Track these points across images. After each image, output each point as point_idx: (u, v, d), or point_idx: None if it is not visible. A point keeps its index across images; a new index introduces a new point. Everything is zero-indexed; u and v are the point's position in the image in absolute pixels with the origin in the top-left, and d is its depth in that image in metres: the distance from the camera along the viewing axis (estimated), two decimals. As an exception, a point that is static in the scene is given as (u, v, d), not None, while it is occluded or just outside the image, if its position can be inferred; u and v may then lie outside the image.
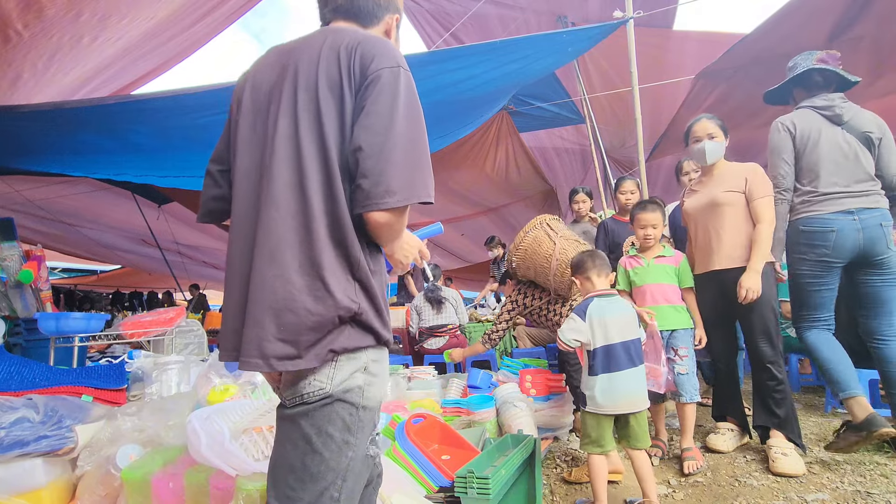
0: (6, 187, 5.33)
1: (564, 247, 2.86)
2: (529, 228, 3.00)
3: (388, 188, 0.89)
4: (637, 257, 2.58)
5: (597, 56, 5.30)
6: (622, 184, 3.59)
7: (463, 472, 1.69)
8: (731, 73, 4.49)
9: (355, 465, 0.93)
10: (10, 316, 3.37)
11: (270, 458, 0.97)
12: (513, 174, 7.12)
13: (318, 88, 0.95)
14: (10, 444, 1.73)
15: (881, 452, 2.31)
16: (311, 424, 0.91)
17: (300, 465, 0.90)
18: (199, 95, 3.29)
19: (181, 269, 9.11)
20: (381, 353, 1.01)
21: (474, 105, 4.73)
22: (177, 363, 2.69)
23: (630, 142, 6.06)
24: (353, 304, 0.93)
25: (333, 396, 0.92)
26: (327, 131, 0.94)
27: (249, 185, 1.00)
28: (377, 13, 1.09)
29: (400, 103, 0.93)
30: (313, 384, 0.92)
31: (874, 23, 3.65)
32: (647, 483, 1.93)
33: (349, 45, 0.97)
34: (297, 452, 0.91)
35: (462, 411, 2.66)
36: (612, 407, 1.94)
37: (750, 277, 2.25)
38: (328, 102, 0.95)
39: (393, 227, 0.95)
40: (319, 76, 0.96)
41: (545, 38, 4.01)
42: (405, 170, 0.91)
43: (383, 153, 0.89)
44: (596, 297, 2.07)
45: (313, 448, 0.89)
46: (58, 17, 3.20)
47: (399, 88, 0.94)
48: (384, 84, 0.93)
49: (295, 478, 0.89)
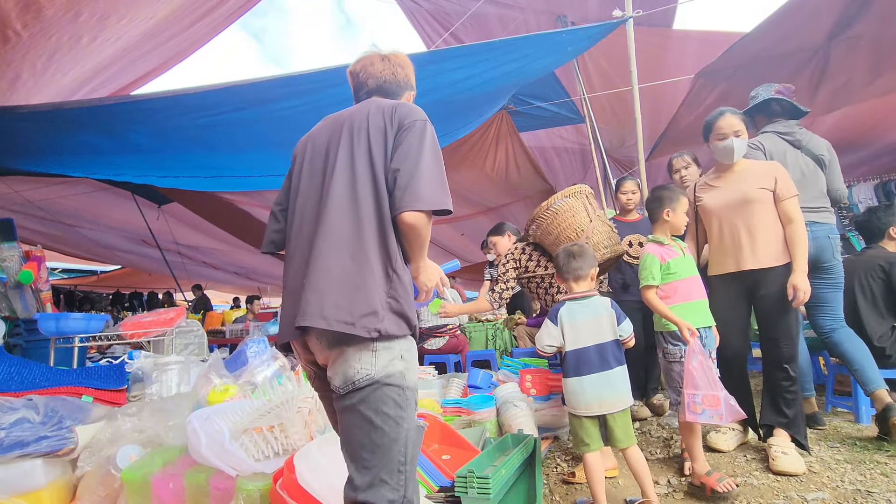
0: (6, 188, 5.33)
1: (598, 228, 2.70)
2: (569, 194, 2.78)
3: (418, 196, 1.18)
4: (669, 247, 2.27)
5: (596, 55, 5.29)
6: (623, 184, 3.54)
7: (463, 472, 1.69)
8: (731, 72, 4.49)
9: (411, 434, 1.14)
10: (10, 316, 3.37)
11: (341, 437, 1.18)
12: (513, 174, 7.11)
13: (368, 130, 1.29)
14: (10, 444, 1.73)
15: (881, 451, 2.31)
16: (368, 408, 1.10)
17: (369, 442, 1.09)
18: (198, 95, 3.29)
19: (181, 270, 9.10)
20: (411, 344, 1.23)
21: (474, 105, 4.73)
22: (177, 363, 2.69)
23: (630, 141, 6.06)
24: (391, 290, 1.18)
25: (380, 382, 1.12)
26: (375, 158, 1.26)
27: (310, 202, 1.30)
28: (399, 93, 1.49)
29: (426, 142, 1.26)
30: (360, 372, 1.11)
31: (874, 22, 3.65)
32: (645, 481, 1.93)
33: (390, 106, 1.33)
34: (363, 432, 1.10)
35: (462, 411, 2.66)
36: (585, 408, 1.96)
37: (801, 278, 2.18)
38: (376, 140, 1.28)
39: (420, 229, 1.20)
40: (370, 124, 1.30)
41: (545, 38, 4.01)
42: (430, 185, 1.20)
43: (414, 172, 1.20)
44: (568, 301, 2.10)
45: (375, 426, 1.09)
46: (57, 17, 3.20)
47: (426, 134, 1.27)
48: (415, 130, 1.27)
49: (367, 451, 1.09)
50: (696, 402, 1.96)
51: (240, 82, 3.22)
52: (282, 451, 1.80)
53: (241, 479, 1.64)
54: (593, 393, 1.96)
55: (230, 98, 3.34)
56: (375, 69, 1.45)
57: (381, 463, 1.08)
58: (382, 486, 1.06)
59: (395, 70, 1.47)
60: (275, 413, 1.84)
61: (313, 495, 1.51)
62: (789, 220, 2.29)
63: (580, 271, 2.13)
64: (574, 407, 2.00)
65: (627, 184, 3.51)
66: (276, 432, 1.80)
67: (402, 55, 1.52)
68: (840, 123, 5.03)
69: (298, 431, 1.83)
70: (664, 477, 2.29)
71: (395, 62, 1.48)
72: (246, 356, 2.62)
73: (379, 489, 1.05)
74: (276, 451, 1.79)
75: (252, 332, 4.30)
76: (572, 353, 2.03)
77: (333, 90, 3.41)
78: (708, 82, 4.73)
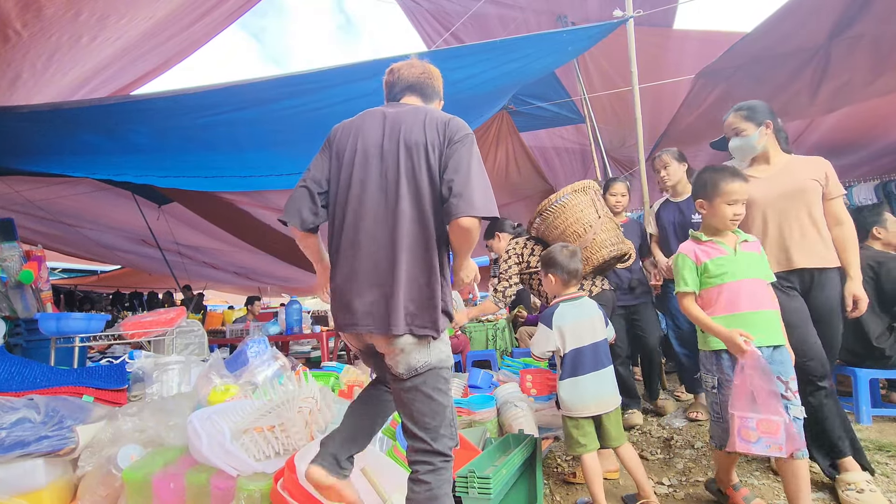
0: (6, 188, 5.32)
1: (606, 225, 2.66)
2: (579, 188, 2.75)
3: (472, 203, 1.34)
4: (712, 243, 1.87)
5: (597, 55, 5.29)
6: (613, 185, 3.34)
7: (464, 472, 1.69)
8: (732, 72, 4.49)
9: (452, 399, 1.46)
10: (10, 316, 3.37)
11: (403, 409, 1.44)
12: (513, 174, 7.11)
13: (426, 147, 1.44)
14: (11, 444, 1.73)
15: (881, 452, 2.31)
16: (427, 387, 1.39)
17: (429, 411, 1.39)
18: (198, 95, 3.28)
19: (181, 270, 9.10)
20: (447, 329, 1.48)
21: (474, 105, 4.73)
22: (177, 363, 2.69)
23: (630, 141, 6.06)
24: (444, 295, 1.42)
25: (435, 367, 1.40)
26: (434, 175, 1.43)
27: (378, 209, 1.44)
28: (433, 96, 1.66)
29: (474, 155, 1.43)
30: (420, 361, 1.38)
31: (874, 21, 3.65)
32: (641, 477, 1.95)
33: (443, 122, 1.48)
34: (425, 405, 1.39)
35: (463, 411, 2.66)
36: (582, 409, 1.98)
37: (859, 287, 2.04)
38: (434, 156, 1.43)
39: (473, 233, 1.38)
40: (427, 140, 1.45)
41: (545, 38, 4.00)
42: (482, 194, 1.38)
43: (467, 183, 1.37)
44: (562, 303, 2.10)
45: (433, 399, 1.40)
46: (56, 16, 3.19)
47: (474, 147, 1.46)
48: (466, 143, 1.44)
49: (429, 417, 1.39)
50: (748, 427, 1.60)
51: (240, 82, 3.21)
52: (282, 451, 1.80)
53: (241, 479, 1.64)
54: (590, 392, 1.99)
55: (230, 98, 3.34)
56: (416, 70, 1.61)
57: (440, 423, 1.40)
58: (444, 438, 1.40)
59: (430, 73, 1.64)
60: (275, 413, 1.84)
61: (314, 495, 1.51)
62: (839, 222, 2.09)
63: (579, 273, 2.13)
64: (571, 409, 2.00)
65: (618, 186, 3.36)
66: (276, 432, 1.80)
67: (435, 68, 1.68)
68: (841, 123, 5.03)
69: (299, 431, 1.83)
70: (664, 477, 2.29)
71: (429, 68, 1.65)
72: (246, 356, 2.62)
73: (443, 440, 1.40)
74: (276, 451, 1.79)
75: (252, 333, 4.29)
76: (571, 353, 2.04)
77: (333, 90, 3.41)
78: (708, 82, 4.73)
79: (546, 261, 2.19)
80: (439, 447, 1.39)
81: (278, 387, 2.09)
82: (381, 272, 1.40)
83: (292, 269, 9.98)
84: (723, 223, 1.87)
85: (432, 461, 1.38)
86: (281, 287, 12.85)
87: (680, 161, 3.14)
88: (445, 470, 1.39)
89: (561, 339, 2.05)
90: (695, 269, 1.88)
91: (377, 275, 1.40)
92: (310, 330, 4.91)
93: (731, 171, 1.89)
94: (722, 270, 1.83)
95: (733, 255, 1.84)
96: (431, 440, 1.39)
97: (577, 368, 2.00)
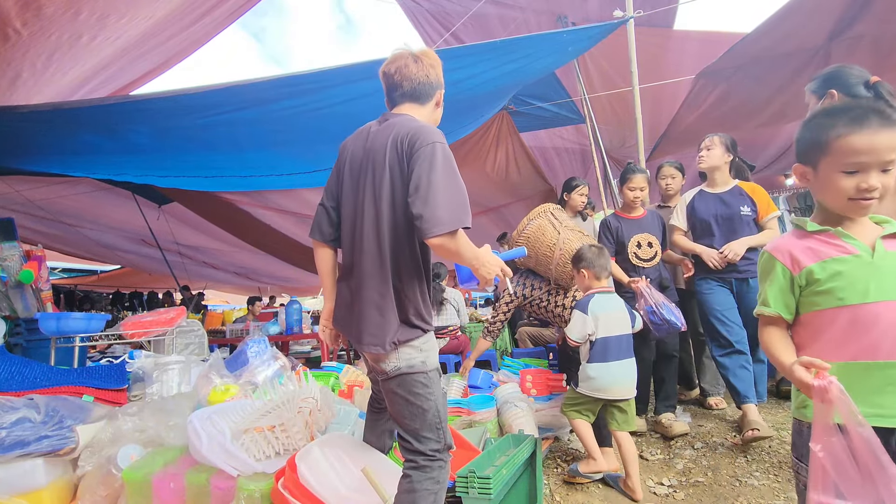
0: (6, 187, 5.32)
1: (568, 237, 2.82)
2: (534, 216, 2.94)
3: (436, 221, 1.30)
4: (830, 235, 1.09)
5: (597, 56, 5.29)
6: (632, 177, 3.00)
7: (464, 472, 1.69)
8: (732, 72, 4.49)
9: (439, 399, 1.47)
10: (10, 316, 3.37)
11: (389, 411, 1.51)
12: (513, 174, 7.11)
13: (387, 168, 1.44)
14: (11, 444, 1.73)
15: (882, 452, 2.31)
16: (403, 389, 1.43)
17: (408, 413, 1.43)
18: (198, 95, 3.28)
19: (181, 270, 9.09)
20: (428, 336, 1.49)
21: (474, 105, 4.73)
22: (177, 363, 2.68)
23: (630, 141, 6.06)
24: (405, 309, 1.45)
25: (405, 372, 1.43)
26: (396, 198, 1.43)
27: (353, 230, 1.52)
28: (430, 93, 1.59)
29: (437, 164, 1.35)
30: (390, 366, 1.43)
31: (875, 22, 3.65)
32: (631, 464, 2.12)
33: (403, 137, 1.43)
34: (402, 406, 1.44)
35: (463, 411, 2.66)
36: (604, 392, 2.18)
37: None
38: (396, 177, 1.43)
39: (449, 247, 1.35)
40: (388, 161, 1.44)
41: (545, 38, 4.00)
42: (446, 207, 1.31)
43: (427, 199, 1.31)
44: (597, 294, 2.29)
45: (410, 402, 1.42)
46: (56, 15, 3.19)
47: (436, 155, 1.36)
48: (425, 155, 1.36)
49: (409, 419, 1.43)
50: None
51: (240, 82, 3.21)
52: (283, 451, 1.80)
53: (241, 479, 1.64)
54: (615, 377, 2.18)
55: (230, 98, 3.34)
56: (410, 71, 1.53)
57: (420, 425, 1.42)
58: (427, 440, 1.42)
59: (427, 72, 1.55)
60: (276, 413, 1.84)
61: (315, 494, 1.51)
62: None
63: (607, 268, 2.36)
64: (593, 390, 2.18)
65: (637, 178, 2.98)
66: (276, 432, 1.80)
67: (433, 54, 1.59)
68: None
69: (299, 431, 1.83)
70: (664, 477, 2.29)
71: (428, 63, 1.56)
72: (246, 356, 2.61)
73: (426, 441, 1.42)
74: (276, 451, 1.79)
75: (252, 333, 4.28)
76: (601, 340, 2.21)
77: (333, 90, 3.41)
78: (708, 83, 4.73)
79: (576, 258, 2.44)
80: (421, 448, 1.42)
81: (278, 387, 2.09)
82: (352, 291, 1.51)
83: (292, 269, 9.98)
84: (837, 202, 1.07)
85: (415, 459, 1.42)
86: (281, 287, 12.85)
87: (728, 149, 2.86)
88: (430, 468, 1.41)
89: (595, 324, 2.23)
90: (788, 280, 1.11)
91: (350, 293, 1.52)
92: (310, 330, 4.92)
93: (862, 111, 1.03)
94: (844, 282, 1.04)
95: (868, 257, 1.04)
96: (413, 440, 1.43)
97: (607, 355, 2.19)
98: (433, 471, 1.41)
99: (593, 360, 2.20)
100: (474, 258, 1.43)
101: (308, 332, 4.89)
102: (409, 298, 1.47)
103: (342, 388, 2.88)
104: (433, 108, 1.62)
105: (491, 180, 7.21)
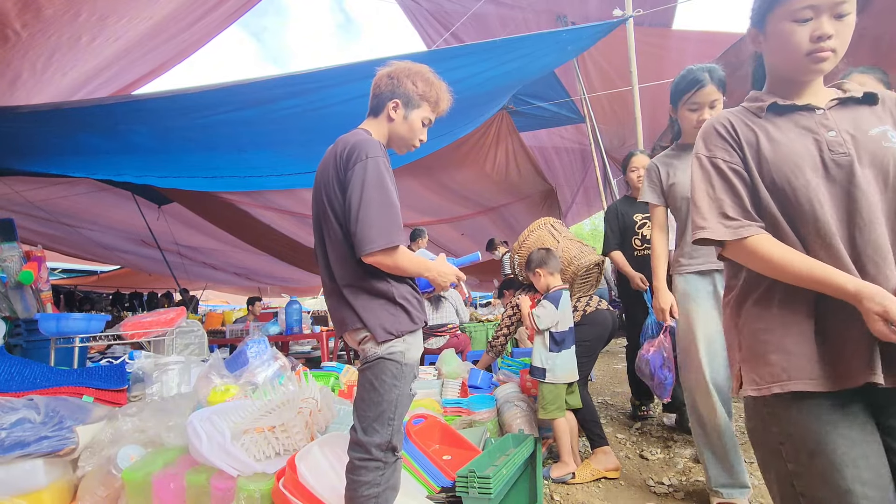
0: (6, 188, 5.33)
1: (567, 246, 2.90)
2: (534, 228, 3.05)
3: (368, 240, 1.34)
4: None
5: (596, 55, 5.30)
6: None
7: (464, 472, 1.69)
8: (731, 72, 4.49)
9: (402, 399, 1.42)
10: (10, 317, 3.36)
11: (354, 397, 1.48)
12: (513, 174, 7.12)
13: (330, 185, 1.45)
14: (11, 444, 1.73)
15: (882, 451, 2.30)
16: (372, 373, 1.41)
17: (368, 398, 1.40)
18: (198, 95, 3.29)
19: (181, 270, 9.10)
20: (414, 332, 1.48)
21: (474, 104, 4.73)
22: (177, 364, 2.68)
23: (630, 141, 6.06)
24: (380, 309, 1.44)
25: (382, 356, 1.41)
26: (338, 213, 1.43)
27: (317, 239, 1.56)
28: (381, 106, 1.57)
29: (367, 182, 1.36)
30: (370, 351, 1.42)
31: (875, 19, 3.65)
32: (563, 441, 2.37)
33: (339, 154, 1.44)
34: (366, 391, 1.41)
35: (463, 411, 2.66)
36: (568, 377, 2.41)
37: None
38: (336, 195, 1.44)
39: (385, 263, 1.38)
40: (330, 179, 1.46)
41: (545, 37, 4.00)
42: (376, 226, 1.35)
43: (358, 218, 1.35)
44: (563, 290, 2.51)
45: (374, 388, 1.40)
46: (56, 16, 3.19)
47: (366, 172, 1.37)
48: (355, 174, 1.38)
49: (366, 405, 1.40)
50: None
51: (240, 82, 3.21)
52: (283, 451, 1.80)
53: (241, 479, 1.64)
54: (574, 363, 2.44)
55: (230, 98, 3.34)
56: (378, 89, 1.57)
57: (375, 415, 1.38)
58: (374, 433, 1.38)
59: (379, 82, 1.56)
60: (276, 413, 1.84)
61: (315, 494, 1.51)
62: None
63: (559, 267, 2.60)
64: (559, 377, 2.40)
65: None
66: (277, 432, 1.80)
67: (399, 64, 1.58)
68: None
69: (299, 432, 1.83)
70: (664, 477, 2.29)
71: (384, 73, 1.57)
72: (246, 356, 2.61)
73: (373, 433, 1.38)
74: (277, 452, 1.79)
75: (252, 333, 4.28)
76: (560, 332, 2.45)
77: (333, 90, 3.41)
78: (708, 82, 4.73)
79: (528, 262, 2.62)
80: (364, 439, 1.36)
81: (278, 387, 2.09)
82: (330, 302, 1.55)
83: (292, 269, 9.98)
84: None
85: (354, 454, 1.38)
86: (281, 287, 12.85)
87: None
88: (365, 470, 1.35)
89: (562, 317, 2.46)
90: None
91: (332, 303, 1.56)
92: (310, 330, 4.91)
93: None
94: None
95: None
96: (361, 429, 1.38)
97: (566, 344, 2.45)
98: (367, 473, 1.35)
99: (558, 350, 2.43)
100: (425, 270, 1.46)
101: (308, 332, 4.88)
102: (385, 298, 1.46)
103: (342, 388, 2.88)
104: (385, 119, 1.56)
105: (491, 180, 7.22)
